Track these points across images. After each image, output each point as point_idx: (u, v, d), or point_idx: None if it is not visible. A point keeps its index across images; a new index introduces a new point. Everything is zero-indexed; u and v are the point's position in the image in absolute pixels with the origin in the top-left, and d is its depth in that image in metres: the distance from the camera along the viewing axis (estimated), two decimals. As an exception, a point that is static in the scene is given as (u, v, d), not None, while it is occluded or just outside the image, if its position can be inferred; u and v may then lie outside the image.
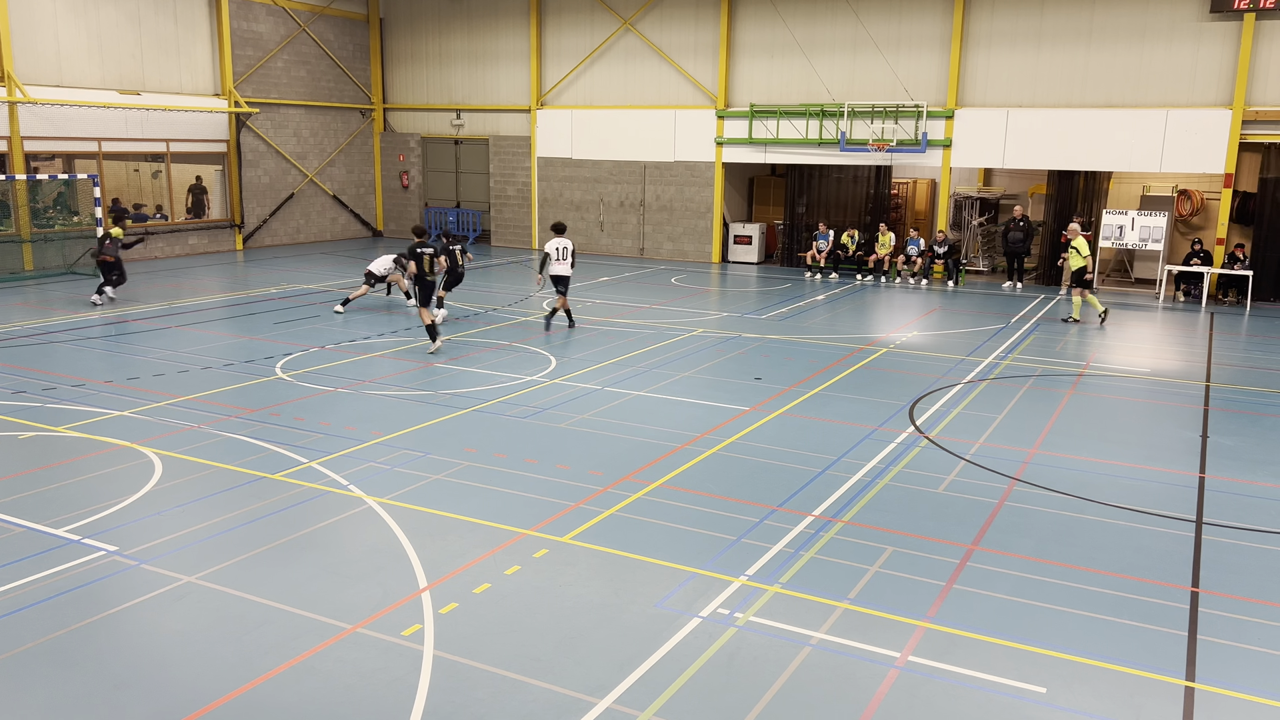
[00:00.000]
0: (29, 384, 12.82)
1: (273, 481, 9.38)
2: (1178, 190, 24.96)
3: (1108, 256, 25.25)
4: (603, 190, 28.84)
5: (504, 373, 13.83)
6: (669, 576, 7.52)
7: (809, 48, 25.46)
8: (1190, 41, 21.72)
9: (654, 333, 17.02)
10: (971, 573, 7.71)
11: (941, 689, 6.08)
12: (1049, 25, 23.01)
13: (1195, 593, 7.49)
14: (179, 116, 26.03)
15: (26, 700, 5.79)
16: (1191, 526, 8.79)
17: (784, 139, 25.77)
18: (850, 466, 10.15)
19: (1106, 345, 16.95)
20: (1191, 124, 21.79)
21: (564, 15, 28.58)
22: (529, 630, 6.68)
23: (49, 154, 23.71)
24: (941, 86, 24.24)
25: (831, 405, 12.55)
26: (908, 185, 28.61)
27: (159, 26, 25.51)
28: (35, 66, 22.92)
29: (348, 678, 6.05)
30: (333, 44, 30.38)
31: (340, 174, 31.24)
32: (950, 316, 19.57)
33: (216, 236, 27.67)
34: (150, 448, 10.30)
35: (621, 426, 11.41)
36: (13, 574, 7.34)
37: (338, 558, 7.76)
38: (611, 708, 5.79)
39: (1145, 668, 6.37)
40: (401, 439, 10.76)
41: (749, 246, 27.38)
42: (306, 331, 16.50)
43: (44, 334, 16.01)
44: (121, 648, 6.40)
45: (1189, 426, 12.02)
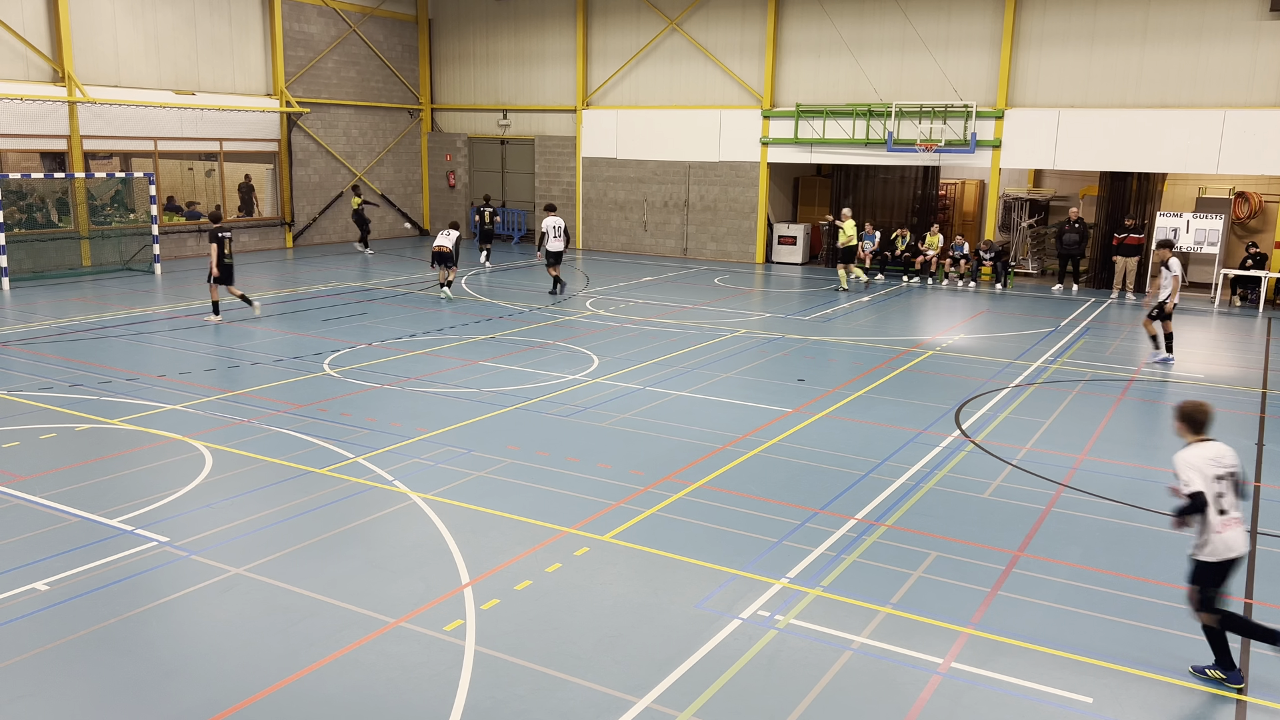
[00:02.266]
0: (85, 377, 13.13)
1: (319, 476, 9.52)
2: (1235, 192, 24.39)
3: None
4: (646, 190, 28.86)
5: (547, 371, 13.90)
6: (709, 577, 7.51)
7: (856, 47, 25.26)
8: (1249, 40, 21.22)
9: (696, 333, 17.00)
10: (1017, 579, 7.60)
11: (984, 697, 6.00)
12: (1102, 25, 22.60)
13: (1249, 604, 7.32)
14: (232, 116, 26.50)
15: (80, 685, 5.94)
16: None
17: (830, 139, 25.59)
18: (894, 470, 10.06)
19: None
20: (1250, 124, 21.28)
21: (610, 16, 28.65)
22: (569, 628, 6.71)
23: (107, 153, 24.27)
24: (991, 86, 23.93)
25: (876, 408, 12.45)
26: (956, 186, 28.27)
27: (214, 28, 26.00)
28: (94, 67, 23.47)
29: (391, 671, 6.12)
30: (382, 45, 30.73)
31: (388, 173, 31.61)
32: (998, 319, 19.31)
33: (267, 234, 28.13)
34: (201, 441, 10.50)
35: (663, 426, 11.42)
36: (67, 563, 7.53)
37: (382, 552, 7.86)
38: (650, 707, 5.79)
39: (1196, 680, 6.23)
40: (446, 435, 10.86)
41: (793, 247, 27.24)
42: (354, 328, 16.71)
43: (100, 329, 16.39)
44: (171, 636, 6.54)
45: (1245, 434, 11.74)
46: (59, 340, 15.44)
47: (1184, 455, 6.19)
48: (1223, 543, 6.06)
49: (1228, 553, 6.07)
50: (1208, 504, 6.01)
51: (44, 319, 17.12)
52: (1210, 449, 6.21)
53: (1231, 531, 6.08)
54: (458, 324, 17.28)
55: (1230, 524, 6.09)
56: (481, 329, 16.94)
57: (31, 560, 7.55)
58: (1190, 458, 6.15)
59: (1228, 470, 6.16)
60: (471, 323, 17.49)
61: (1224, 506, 6.07)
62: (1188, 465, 6.11)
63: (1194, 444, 6.26)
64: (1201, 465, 6.10)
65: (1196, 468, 6.09)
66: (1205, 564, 6.12)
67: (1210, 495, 6.03)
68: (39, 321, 16.89)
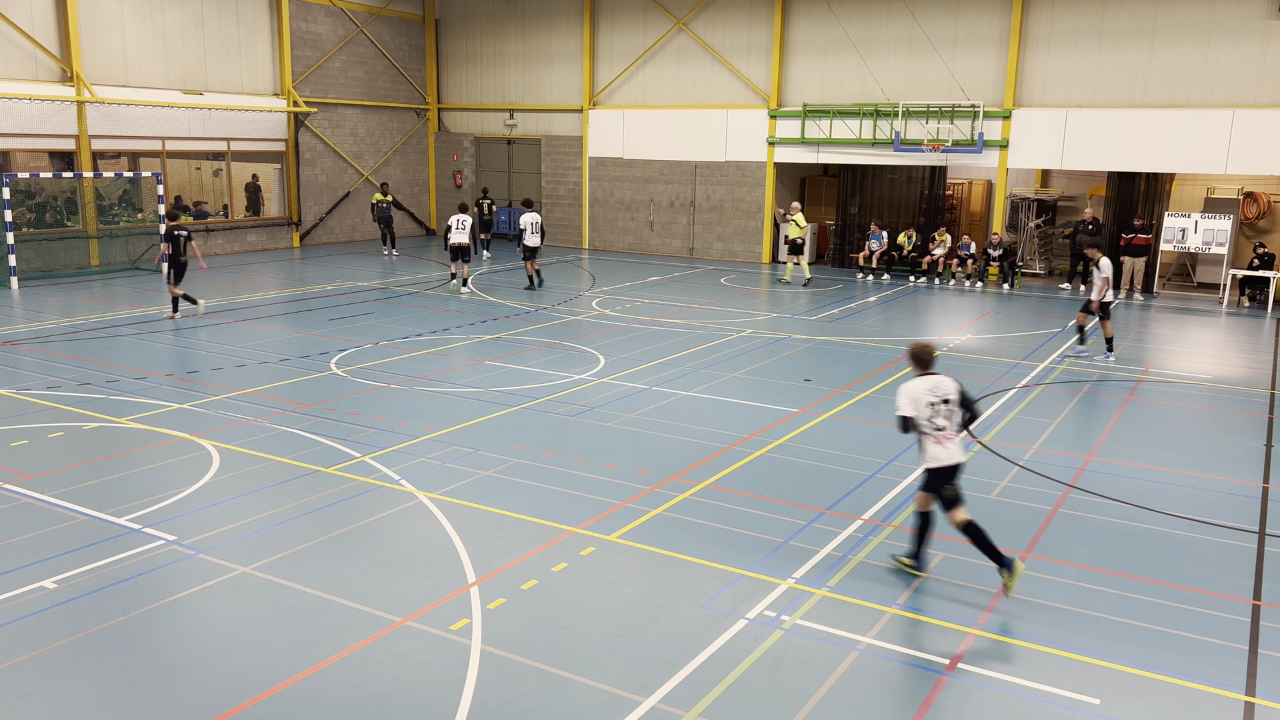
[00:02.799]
0: (94, 376, 13.18)
1: (326, 475, 9.54)
2: (1244, 192, 24.31)
3: (1169, 260, 24.69)
4: (653, 190, 28.85)
5: (553, 371, 13.91)
6: (715, 577, 7.51)
7: (864, 47, 25.22)
8: (1258, 40, 21.14)
9: (703, 333, 16.99)
10: (1024, 580, 7.58)
11: (992, 698, 5.99)
12: (1110, 24, 22.54)
13: (1257, 605, 7.29)
14: (240, 116, 26.57)
15: (88, 683, 5.96)
16: (1254, 538, 8.56)
17: (837, 139, 25.56)
18: (900, 470, 10.04)
19: (1167, 351, 16.58)
20: (1259, 124, 21.19)
21: (617, 15, 28.65)
22: (576, 627, 6.71)
23: (115, 152, 24.34)
24: (999, 86, 23.87)
25: (882, 408, 12.43)
26: (963, 186, 28.23)
27: (222, 28, 26.06)
28: (103, 67, 23.54)
29: (397, 670, 6.13)
30: (389, 44, 30.78)
31: (395, 173, 31.65)
32: (1005, 319, 19.27)
33: (274, 234, 28.19)
34: (209, 440, 10.53)
35: (669, 426, 11.42)
36: (75, 561, 7.55)
37: (388, 551, 7.87)
38: (657, 707, 5.79)
39: (1204, 681, 6.22)
40: (452, 435, 10.87)
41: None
42: (361, 328, 16.74)
43: (108, 328, 16.44)
44: (179, 635, 6.55)
45: (1253, 435, 11.70)
46: (67, 339, 15.50)
47: (905, 386, 7.45)
48: (935, 454, 7.37)
49: (941, 462, 7.35)
50: (919, 425, 7.32)
51: (52, 318, 17.18)
52: (929, 381, 7.40)
53: (944, 445, 7.35)
54: (464, 323, 17.31)
55: (943, 439, 7.35)
56: (488, 328, 16.96)
57: (40, 558, 7.58)
58: (909, 388, 7.41)
59: (941, 398, 7.35)
60: (478, 322, 17.51)
61: (938, 425, 7.35)
62: (904, 394, 7.41)
63: (918, 377, 7.47)
64: (917, 394, 7.35)
65: (911, 396, 7.36)
66: (929, 470, 7.44)
67: (923, 418, 7.31)
68: (48, 320, 16.95)
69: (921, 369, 7.51)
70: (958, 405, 7.42)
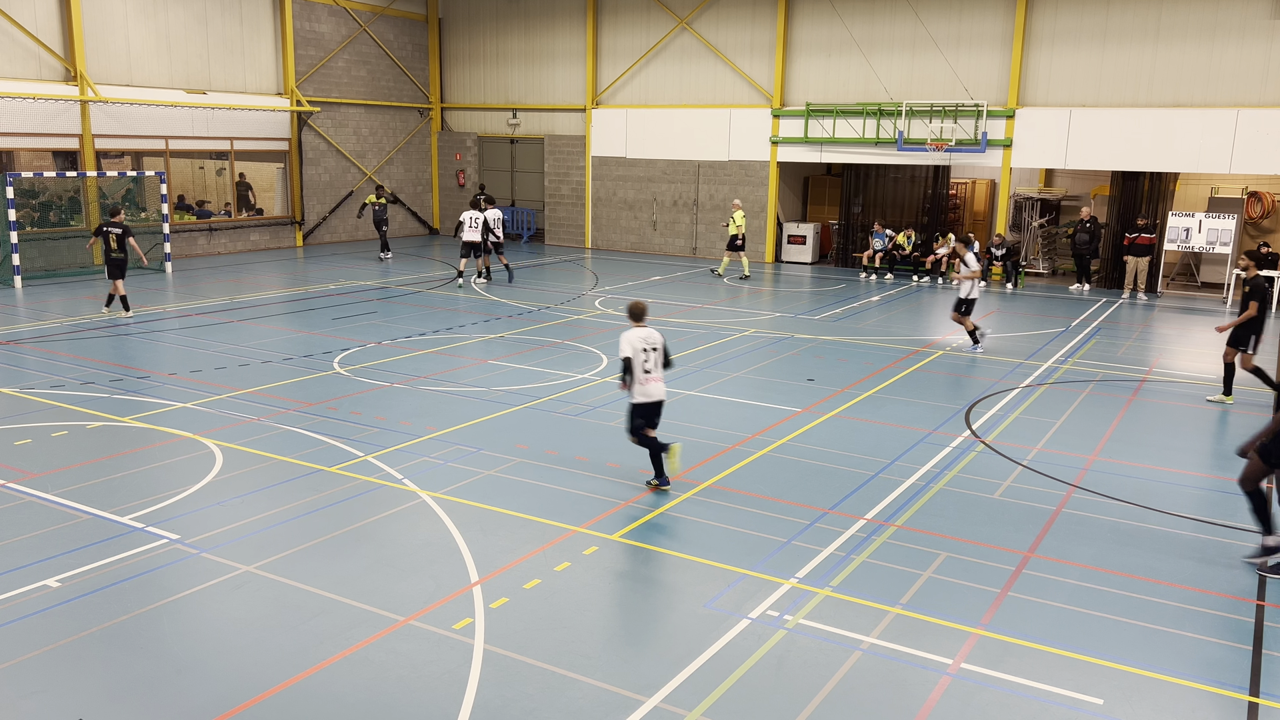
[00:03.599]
0: (97, 375, 13.19)
1: (329, 474, 9.54)
2: (1248, 192, 24.26)
3: (1173, 260, 24.65)
4: (656, 189, 28.85)
5: (556, 370, 13.91)
6: (718, 577, 7.51)
7: (867, 46, 25.20)
8: (1262, 40, 21.09)
9: (706, 332, 16.98)
10: (1027, 580, 7.58)
11: (995, 698, 5.98)
12: (1114, 23, 22.50)
13: (1261, 605, 7.28)
14: (243, 115, 26.59)
15: (91, 681, 5.96)
16: (1257, 538, 8.53)
17: (840, 138, 25.54)
18: (904, 470, 10.04)
19: (1171, 351, 16.55)
20: (1263, 124, 21.15)
21: (620, 15, 28.64)
22: (578, 627, 6.71)
23: (118, 151, 24.37)
24: (1002, 85, 23.84)
25: (886, 408, 12.42)
26: (966, 185, 28.20)
27: (225, 27, 26.08)
28: (106, 67, 23.57)
29: (400, 669, 6.13)
30: (392, 44, 30.79)
31: (398, 172, 31.66)
32: (1009, 319, 19.25)
33: (277, 233, 28.20)
34: (212, 439, 10.54)
35: (672, 426, 11.40)
36: (79, 560, 7.56)
37: (392, 550, 7.87)
38: (659, 707, 5.79)
39: (1207, 682, 6.20)
40: (455, 434, 10.87)
41: (803, 246, 27.19)
42: (364, 327, 16.75)
43: (112, 327, 16.46)
44: (182, 633, 6.56)
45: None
46: (71, 338, 15.52)
47: (625, 334, 9.05)
48: (644, 391, 9.07)
49: (647, 398, 9.09)
50: (634, 366, 8.93)
51: (56, 317, 17.21)
52: (643, 332, 9.07)
53: (650, 384, 9.08)
54: (467, 323, 17.31)
55: (650, 380, 9.08)
56: (491, 328, 16.96)
57: (43, 557, 7.59)
58: (628, 336, 9.03)
59: (651, 346, 9.08)
60: (481, 321, 17.52)
61: (647, 368, 9.03)
62: (625, 340, 9.00)
63: (635, 328, 9.08)
64: (634, 341, 8.98)
65: (630, 342, 8.97)
66: (635, 404, 9.11)
67: (637, 361, 8.95)
68: (51, 319, 16.97)
69: (637, 322, 9.16)
70: (662, 353, 9.16)
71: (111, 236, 17.00)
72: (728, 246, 23.83)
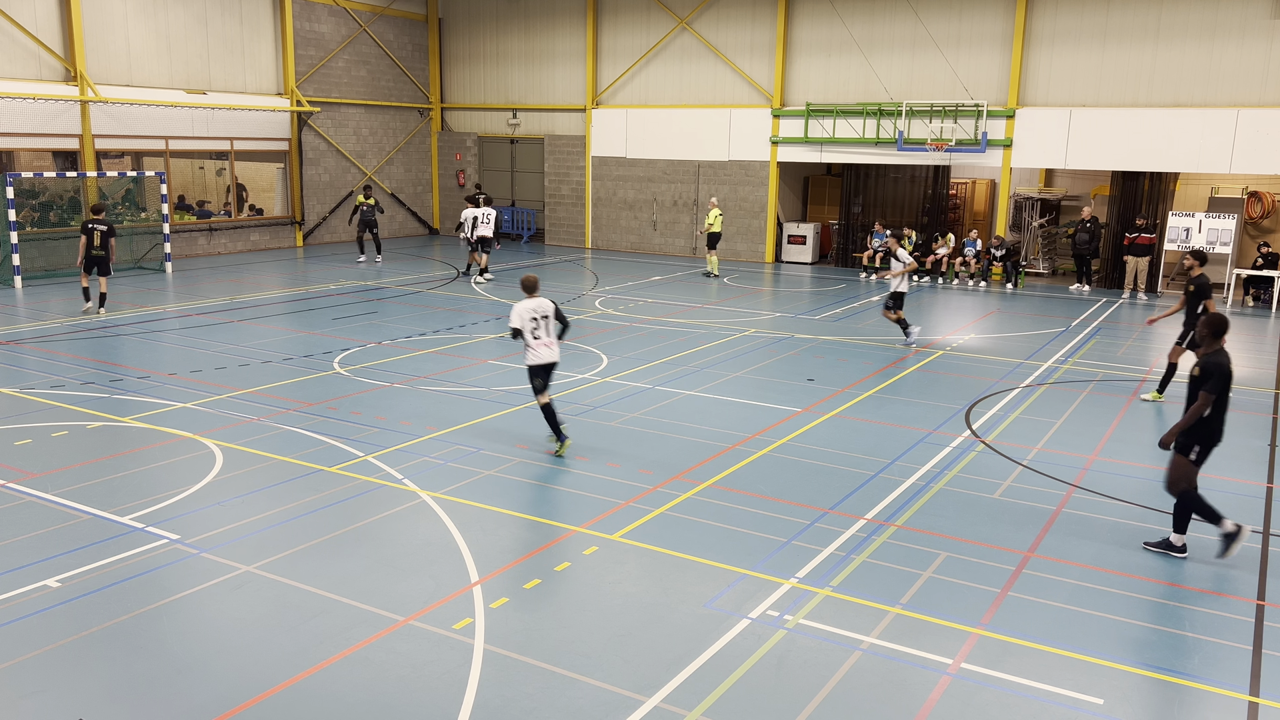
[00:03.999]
0: (97, 375, 13.19)
1: (329, 474, 9.54)
2: (1248, 192, 24.26)
3: (1173, 260, 24.64)
4: (656, 190, 28.84)
5: (556, 370, 13.88)
6: (718, 577, 7.51)
7: (867, 46, 25.20)
8: (1263, 40, 21.09)
9: (706, 332, 16.98)
10: (1027, 580, 7.58)
11: (995, 698, 5.98)
12: (1115, 23, 22.50)
13: (1261, 605, 7.28)
14: (243, 115, 26.58)
15: (92, 681, 5.96)
16: (1258, 537, 8.54)
17: (840, 138, 25.54)
18: (904, 470, 10.04)
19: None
20: (1263, 124, 21.15)
21: (620, 15, 28.64)
22: (578, 627, 6.71)
23: (118, 152, 24.37)
24: (1002, 85, 23.84)
25: (886, 408, 12.42)
26: (967, 185, 28.20)
27: (225, 28, 26.08)
28: (106, 67, 23.57)
29: (400, 669, 6.13)
30: (392, 44, 30.79)
31: (398, 172, 31.67)
32: (1009, 319, 19.25)
33: (277, 233, 28.20)
34: (212, 439, 10.54)
35: (672, 426, 11.41)
36: (79, 560, 7.56)
37: (392, 550, 7.87)
38: (659, 706, 5.79)
39: (1207, 681, 6.21)
40: (455, 434, 10.87)
41: (803, 246, 27.19)
42: (364, 327, 16.75)
43: (111, 327, 16.46)
44: (182, 633, 6.56)
45: (1257, 435, 11.68)
46: (71, 338, 15.52)
47: (516, 306, 10.12)
48: (536, 355, 10.10)
49: (539, 360, 10.12)
50: (524, 333, 10.04)
51: (56, 317, 17.20)
52: (533, 302, 10.13)
53: (540, 350, 10.11)
54: (467, 323, 17.31)
55: (539, 345, 10.11)
56: (491, 328, 16.96)
57: (43, 557, 7.59)
58: (518, 307, 10.11)
59: (541, 315, 10.10)
60: (481, 321, 17.52)
61: (537, 334, 10.08)
62: (515, 312, 10.11)
63: (525, 299, 10.15)
64: (523, 312, 10.06)
65: (519, 313, 10.08)
66: (529, 366, 10.15)
67: (527, 329, 10.05)
68: (51, 319, 16.97)
69: (529, 294, 10.21)
70: (554, 320, 10.21)
71: (96, 234, 17.18)
72: (708, 245, 24.06)
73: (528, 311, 10.04)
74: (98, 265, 17.26)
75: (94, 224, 17.26)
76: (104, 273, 17.34)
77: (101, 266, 17.29)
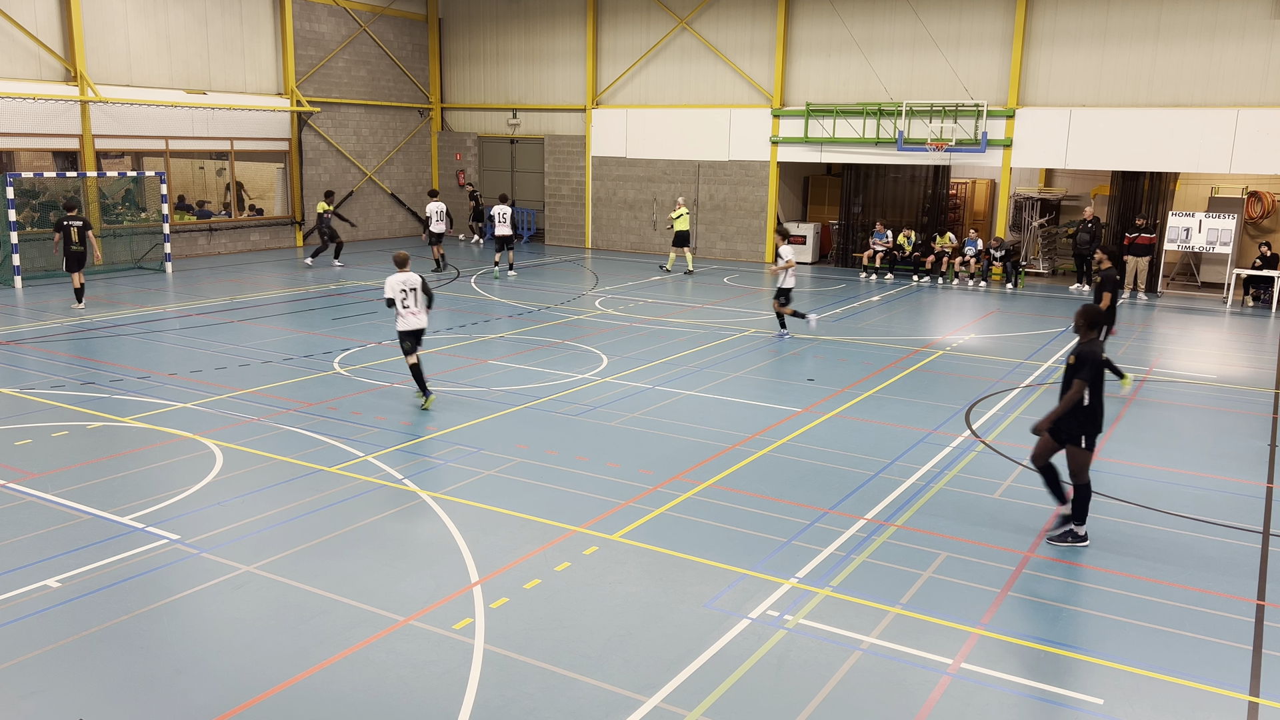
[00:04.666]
0: (98, 375, 13.19)
1: (330, 474, 9.54)
2: (1248, 192, 24.26)
3: (1173, 260, 24.65)
4: (656, 189, 28.84)
5: (556, 370, 13.91)
6: (718, 577, 7.51)
7: (867, 46, 25.20)
8: (1263, 39, 21.09)
9: (705, 332, 16.99)
10: (1027, 580, 7.58)
11: (995, 698, 5.98)
12: (1115, 23, 22.50)
13: (1261, 605, 7.28)
14: (243, 115, 26.58)
15: (92, 681, 5.96)
16: (1258, 538, 8.55)
17: (840, 138, 25.54)
18: (904, 470, 10.04)
19: (1171, 351, 16.55)
20: (1263, 124, 21.15)
21: (620, 15, 28.64)
22: (579, 627, 6.71)
23: (119, 152, 24.37)
24: (1002, 85, 23.84)
25: (886, 408, 12.42)
26: (967, 185, 28.20)
27: (225, 28, 26.08)
28: (106, 67, 23.57)
29: (400, 669, 6.13)
30: (392, 44, 30.79)
31: (398, 172, 31.66)
32: (1009, 319, 19.25)
33: (277, 233, 28.20)
34: (212, 439, 10.54)
35: (672, 426, 11.41)
36: (79, 560, 7.56)
37: (392, 551, 7.87)
38: (660, 706, 5.79)
39: (1208, 681, 6.21)
40: (455, 435, 10.87)
41: (803, 246, 27.18)
42: (364, 327, 16.75)
43: (112, 327, 16.46)
44: (182, 633, 6.56)
45: (1257, 435, 11.68)
46: (71, 338, 15.52)
47: (388, 278, 11.58)
48: (405, 322, 11.67)
49: (408, 326, 11.68)
50: (396, 303, 11.57)
51: (56, 317, 17.21)
52: (403, 275, 11.63)
53: (409, 317, 11.66)
54: (467, 323, 17.31)
55: (408, 314, 11.64)
56: (490, 328, 16.96)
57: (43, 557, 7.59)
58: (390, 280, 11.56)
59: (410, 287, 11.60)
60: (481, 321, 17.52)
61: (406, 304, 11.60)
62: (388, 284, 11.59)
63: (398, 272, 11.65)
64: (394, 284, 11.59)
65: (391, 285, 11.59)
66: (399, 331, 11.75)
67: (398, 299, 11.56)
68: (51, 320, 16.98)
69: (400, 268, 11.70)
70: (421, 291, 11.66)
71: (73, 230, 17.73)
72: (675, 243, 24.60)
73: (399, 283, 11.60)
74: (78, 261, 17.82)
75: (70, 220, 17.81)
76: (80, 267, 17.95)
77: (81, 261, 17.87)
